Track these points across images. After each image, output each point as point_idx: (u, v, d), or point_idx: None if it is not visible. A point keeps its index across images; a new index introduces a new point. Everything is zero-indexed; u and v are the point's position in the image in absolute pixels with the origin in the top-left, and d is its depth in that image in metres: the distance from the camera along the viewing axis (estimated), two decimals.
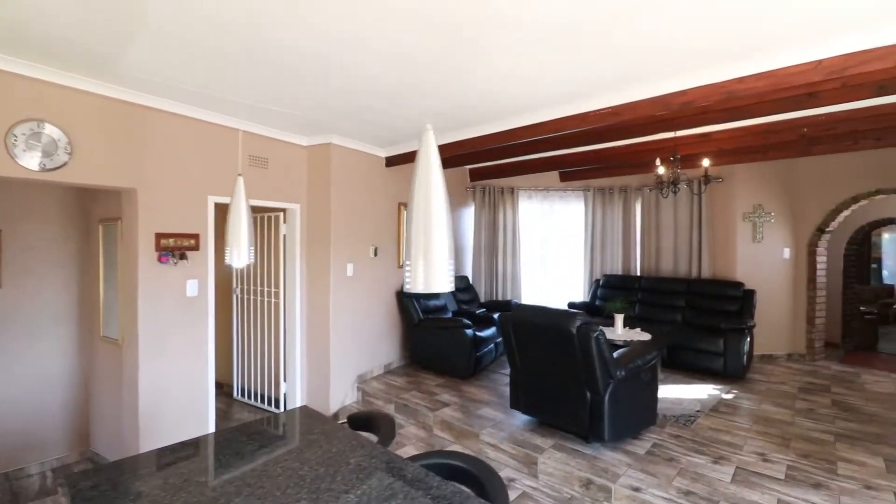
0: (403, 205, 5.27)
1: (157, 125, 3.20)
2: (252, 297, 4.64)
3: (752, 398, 4.20)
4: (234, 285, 4.80)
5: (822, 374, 5.03)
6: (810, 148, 4.62)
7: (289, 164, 4.21)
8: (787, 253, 5.68)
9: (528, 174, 6.23)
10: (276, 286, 4.41)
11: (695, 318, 5.46)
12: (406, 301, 5.03)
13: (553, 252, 7.02)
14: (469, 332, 4.66)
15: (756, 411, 3.87)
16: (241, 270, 4.72)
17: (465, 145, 4.16)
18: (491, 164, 6.32)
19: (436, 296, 5.47)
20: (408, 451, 3.42)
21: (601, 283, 6.56)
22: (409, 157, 4.70)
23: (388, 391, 4.33)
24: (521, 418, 3.59)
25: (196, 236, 3.44)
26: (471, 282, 6.58)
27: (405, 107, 3.35)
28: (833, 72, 2.25)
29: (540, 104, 3.28)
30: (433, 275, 0.96)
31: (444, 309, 5.47)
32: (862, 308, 6.86)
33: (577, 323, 2.95)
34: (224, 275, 5.02)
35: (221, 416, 4.40)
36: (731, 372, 4.71)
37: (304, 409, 2.13)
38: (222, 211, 5.38)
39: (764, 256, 5.63)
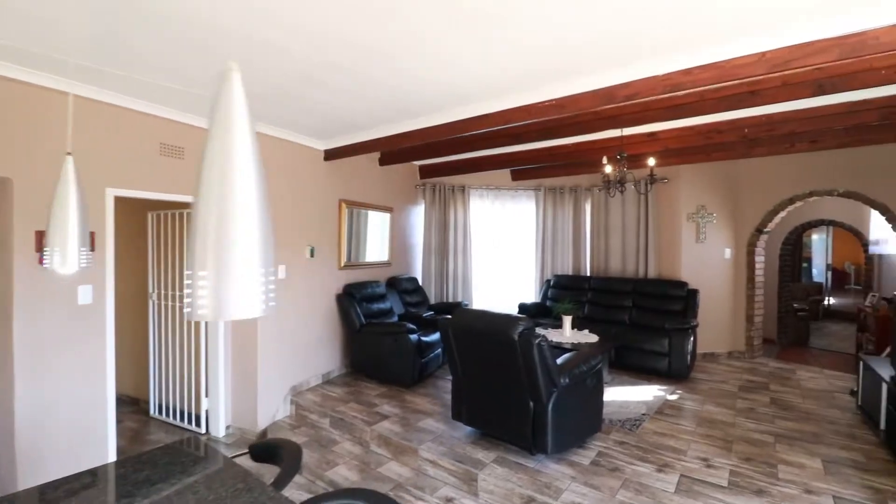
0: (345, 202, 4.93)
1: (37, 104, 2.72)
2: (171, 303, 4.16)
3: (695, 398, 4.19)
4: (151, 290, 4.30)
5: (760, 371, 5.14)
6: (751, 150, 4.70)
7: None
8: (728, 253, 5.80)
9: (480, 172, 6.05)
10: None
11: (641, 318, 5.46)
12: (347, 305, 4.70)
13: (505, 252, 6.88)
14: (413, 336, 4.39)
15: (700, 412, 3.84)
16: (159, 273, 4.22)
17: (412, 137, 3.89)
18: (441, 161, 6.09)
19: (381, 298, 5.17)
20: (340, 471, 3.12)
21: (552, 283, 6.49)
22: (350, 150, 4.38)
23: (324, 404, 4.00)
24: (463, 430, 3.37)
25: (91, 235, 2.97)
26: (420, 283, 6.33)
27: (336, 93, 3.04)
28: (776, 64, 2.17)
29: (483, 95, 3.07)
30: (231, 295, 0.65)
31: (389, 312, 5.18)
32: (795, 305, 7.18)
33: (519, 329, 2.75)
34: (138, 278, 4.51)
35: (133, 437, 3.91)
36: (675, 372, 4.71)
37: (191, 440, 1.79)
38: (130, 206, 4.83)
39: (706, 256, 5.73)
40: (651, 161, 4.18)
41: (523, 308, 6.20)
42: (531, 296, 6.76)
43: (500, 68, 2.60)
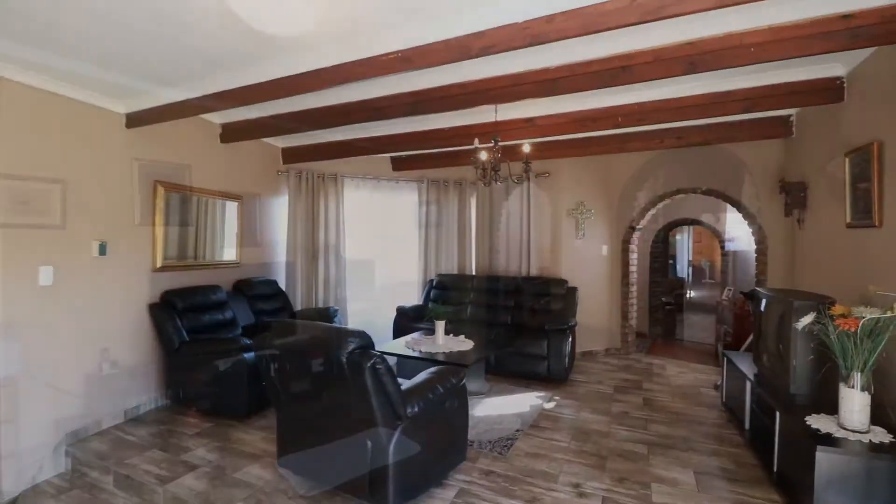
0: (163, 184, 3.85)
1: None
2: None
3: (572, 405, 3.90)
4: None
5: (634, 368, 5.10)
6: (624, 144, 4.60)
7: None
8: (605, 250, 5.76)
9: (354, 157, 5.30)
10: None
11: (522, 319, 5.16)
12: (162, 317, 3.65)
13: (385, 250, 6.21)
14: (250, 355, 3.51)
15: (575, 422, 3.53)
16: None
17: (232, 97, 3.03)
18: (307, 144, 5.23)
19: (219, 306, 4.17)
20: None
21: (434, 283, 5.97)
22: (159, 114, 3.36)
23: (114, 453, 2.95)
24: (292, 480, 2.61)
25: None
26: (283, 287, 5.39)
27: (96, 17, 2.09)
28: (649, 11, 1.76)
29: (308, 41, 2.35)
30: None
31: (230, 324, 4.19)
32: (664, 299, 7.54)
33: (349, 347, 2.08)
34: None
35: None
36: (554, 375, 4.43)
37: None
38: None
39: (585, 253, 5.62)
40: (526, 147, 3.80)
41: (402, 311, 5.59)
42: (414, 298, 6.18)
43: (329, 6, 1.92)
